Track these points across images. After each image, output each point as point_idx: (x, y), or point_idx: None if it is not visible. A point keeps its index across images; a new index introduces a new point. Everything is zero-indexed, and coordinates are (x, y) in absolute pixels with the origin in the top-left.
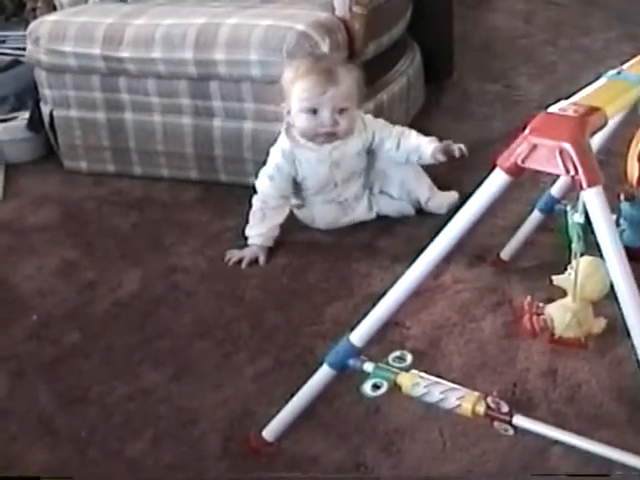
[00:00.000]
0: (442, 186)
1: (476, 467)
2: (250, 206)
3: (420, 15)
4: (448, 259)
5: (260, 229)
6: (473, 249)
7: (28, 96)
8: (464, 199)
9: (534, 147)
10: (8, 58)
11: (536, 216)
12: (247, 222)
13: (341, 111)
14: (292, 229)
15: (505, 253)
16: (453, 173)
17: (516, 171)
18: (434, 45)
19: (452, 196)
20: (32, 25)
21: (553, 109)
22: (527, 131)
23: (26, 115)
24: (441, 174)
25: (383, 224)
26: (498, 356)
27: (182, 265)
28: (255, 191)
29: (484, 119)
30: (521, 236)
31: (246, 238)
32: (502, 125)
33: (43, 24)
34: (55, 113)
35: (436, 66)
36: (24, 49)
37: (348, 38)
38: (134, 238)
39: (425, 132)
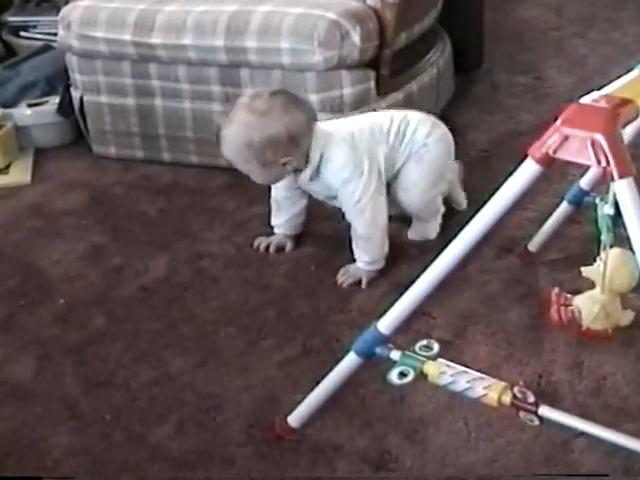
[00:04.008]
0: (468, 179)
1: (500, 457)
2: None
3: (451, 5)
4: (476, 250)
5: (279, 219)
6: (500, 240)
7: (59, 81)
8: (492, 191)
9: (566, 138)
10: (39, 43)
11: (564, 208)
12: None
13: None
14: (319, 219)
15: (532, 245)
16: (481, 165)
17: (547, 161)
18: (464, 36)
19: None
20: (64, 10)
21: (585, 100)
22: (559, 122)
23: (56, 100)
24: (467, 164)
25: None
26: (524, 347)
27: (209, 251)
28: None
29: (513, 111)
30: (549, 228)
31: (272, 227)
32: (531, 117)
33: (75, 9)
34: (85, 98)
35: (466, 57)
36: (55, 34)
37: (379, 27)
38: (162, 224)
39: (454, 123)
